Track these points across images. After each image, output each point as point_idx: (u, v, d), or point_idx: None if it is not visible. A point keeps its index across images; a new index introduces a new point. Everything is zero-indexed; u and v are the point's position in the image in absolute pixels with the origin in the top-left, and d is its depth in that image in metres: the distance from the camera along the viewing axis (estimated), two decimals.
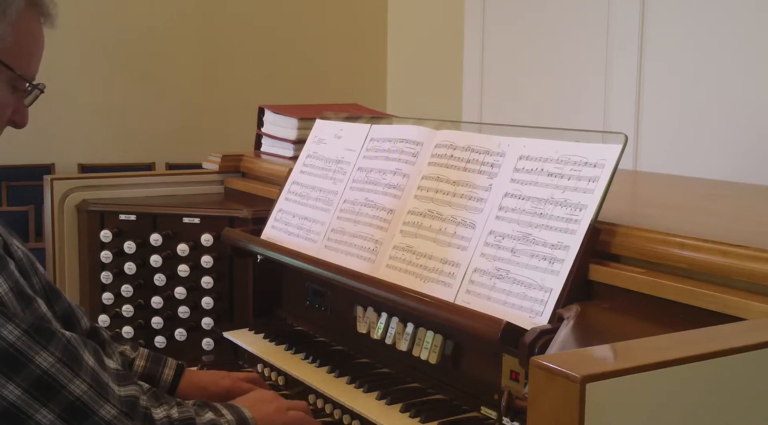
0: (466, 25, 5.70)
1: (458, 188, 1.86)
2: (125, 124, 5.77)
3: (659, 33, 4.50)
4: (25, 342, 1.38)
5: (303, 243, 2.18)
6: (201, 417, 1.58)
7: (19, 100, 1.60)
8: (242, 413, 1.66)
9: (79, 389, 1.41)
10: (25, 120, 1.64)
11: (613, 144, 1.63)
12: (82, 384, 1.42)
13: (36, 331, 1.40)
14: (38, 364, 1.39)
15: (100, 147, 5.73)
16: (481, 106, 5.61)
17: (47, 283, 1.58)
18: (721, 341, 1.12)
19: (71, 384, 1.41)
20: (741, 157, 4.12)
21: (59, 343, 1.43)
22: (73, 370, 1.42)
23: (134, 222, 2.53)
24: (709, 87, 4.27)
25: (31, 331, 1.39)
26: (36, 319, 1.42)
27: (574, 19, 4.93)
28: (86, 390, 1.42)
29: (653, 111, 4.55)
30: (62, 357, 1.41)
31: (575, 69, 4.94)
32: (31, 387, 1.38)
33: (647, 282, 1.50)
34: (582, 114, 4.89)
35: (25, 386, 1.37)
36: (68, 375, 1.41)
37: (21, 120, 1.63)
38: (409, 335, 1.87)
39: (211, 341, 2.45)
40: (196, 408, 1.60)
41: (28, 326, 1.40)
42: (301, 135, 2.77)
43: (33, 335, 1.39)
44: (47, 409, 1.39)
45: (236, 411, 1.66)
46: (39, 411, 1.38)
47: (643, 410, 1.01)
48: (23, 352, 1.38)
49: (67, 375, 1.41)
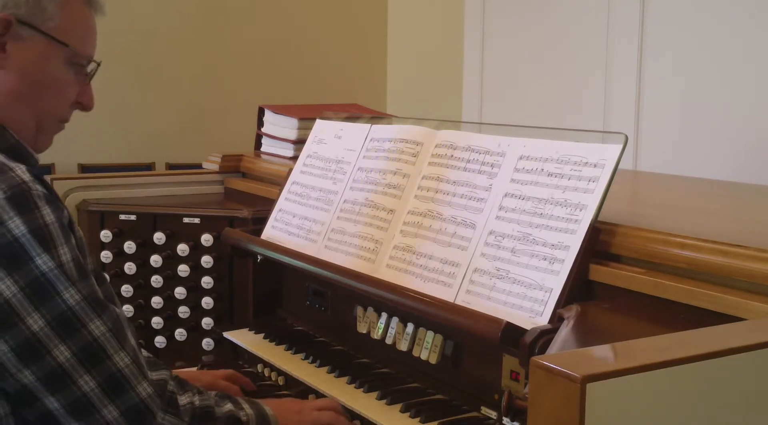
0: (466, 25, 5.70)
1: (458, 188, 1.86)
2: (125, 124, 5.76)
3: (659, 33, 4.50)
4: (83, 307, 1.42)
5: (303, 244, 2.18)
6: (220, 407, 1.61)
7: (80, 80, 1.62)
8: (263, 409, 1.68)
9: (122, 362, 1.44)
10: (92, 102, 1.67)
11: (613, 144, 1.63)
12: (126, 358, 1.45)
13: (93, 300, 1.44)
14: (90, 330, 1.42)
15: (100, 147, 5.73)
16: (481, 106, 5.60)
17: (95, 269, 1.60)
18: (721, 341, 1.12)
19: (116, 356, 1.44)
20: (741, 157, 4.12)
21: (111, 315, 1.46)
22: (120, 342, 1.45)
23: (134, 222, 2.53)
24: (709, 87, 4.27)
25: (89, 299, 1.43)
26: (93, 289, 1.45)
27: (574, 19, 4.93)
28: (129, 364, 1.45)
29: (653, 111, 4.55)
30: (112, 328, 1.44)
31: (575, 69, 4.94)
32: (81, 352, 1.40)
33: (647, 282, 1.50)
34: (582, 114, 4.89)
35: (75, 349, 1.40)
36: (115, 347, 1.44)
37: (87, 101, 1.66)
38: (409, 335, 1.87)
39: (211, 341, 2.45)
40: (217, 398, 1.63)
41: (88, 293, 1.43)
42: (301, 135, 2.77)
43: (91, 302, 1.43)
44: (90, 376, 1.41)
45: (257, 406, 1.68)
46: (83, 377, 1.41)
47: (643, 410, 1.01)
48: (80, 317, 1.41)
49: (115, 346, 1.44)
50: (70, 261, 1.42)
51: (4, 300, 1.36)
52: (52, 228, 1.40)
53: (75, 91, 1.62)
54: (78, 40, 1.59)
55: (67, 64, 1.58)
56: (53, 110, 1.60)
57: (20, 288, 1.37)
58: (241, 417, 1.62)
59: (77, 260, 1.44)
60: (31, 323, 1.38)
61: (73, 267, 1.42)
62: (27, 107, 1.55)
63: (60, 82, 1.59)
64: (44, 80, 1.56)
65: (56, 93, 1.59)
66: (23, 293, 1.37)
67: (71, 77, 1.60)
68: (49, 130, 1.62)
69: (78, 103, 1.64)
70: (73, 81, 1.61)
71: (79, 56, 1.60)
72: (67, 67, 1.58)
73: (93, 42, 1.64)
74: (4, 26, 1.50)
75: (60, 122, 1.64)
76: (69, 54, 1.57)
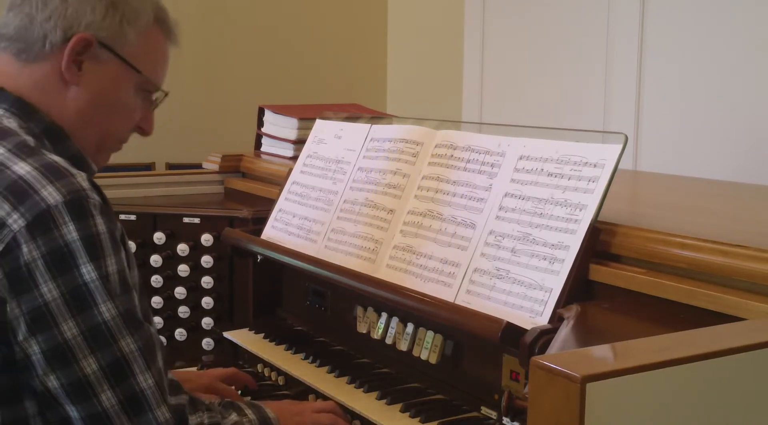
0: (466, 25, 5.69)
1: (458, 188, 1.86)
2: None
3: (659, 33, 4.49)
4: (118, 323, 1.41)
5: (303, 243, 2.18)
6: (226, 419, 1.61)
7: (146, 106, 1.67)
8: (265, 412, 1.69)
9: (146, 383, 1.44)
10: (152, 128, 1.71)
11: (613, 144, 1.63)
12: (150, 379, 1.44)
13: (130, 317, 1.44)
14: (121, 346, 1.41)
15: None
16: (481, 106, 5.60)
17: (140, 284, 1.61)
18: (721, 341, 1.12)
19: (141, 376, 1.43)
20: (741, 157, 4.12)
21: (145, 334, 1.46)
22: (147, 363, 1.45)
23: (134, 222, 2.53)
24: (709, 87, 4.27)
25: (126, 315, 1.43)
26: (132, 306, 1.45)
27: (574, 19, 4.93)
28: (152, 386, 1.44)
29: (653, 111, 4.55)
30: (143, 348, 1.44)
31: (575, 69, 4.93)
32: (108, 366, 1.40)
33: (647, 282, 1.50)
34: (582, 114, 4.89)
35: (103, 363, 1.40)
36: (142, 367, 1.44)
37: (148, 127, 1.70)
38: (409, 335, 1.87)
39: (211, 341, 2.45)
40: (221, 409, 1.63)
41: (125, 309, 1.43)
42: (301, 135, 2.77)
43: (126, 319, 1.43)
44: (113, 392, 1.41)
45: (259, 410, 1.69)
46: (105, 392, 1.40)
47: (643, 410, 1.01)
48: (113, 332, 1.41)
49: (142, 366, 1.44)
50: (115, 273, 1.42)
51: (44, 303, 1.37)
52: (103, 238, 1.41)
53: (139, 115, 1.66)
54: (151, 68, 1.63)
55: (136, 90, 1.62)
56: (116, 131, 1.64)
57: (61, 294, 1.37)
58: None
59: (122, 273, 1.44)
60: (65, 329, 1.38)
61: (117, 280, 1.42)
62: (92, 125, 1.59)
63: (127, 106, 1.63)
64: (113, 102, 1.60)
65: (122, 116, 1.63)
66: (63, 299, 1.37)
67: (138, 102, 1.64)
68: (108, 149, 1.66)
69: (139, 127, 1.68)
70: (140, 106, 1.65)
71: (149, 83, 1.64)
72: (136, 92, 1.62)
73: (164, 71, 1.69)
74: (84, 46, 1.53)
75: (120, 142, 1.68)
76: (141, 80, 1.61)
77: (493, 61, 5.54)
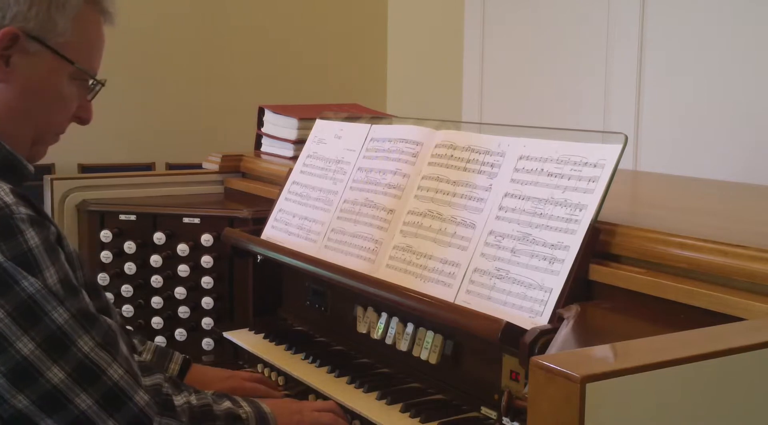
0: (466, 25, 5.70)
1: (458, 188, 1.86)
2: (125, 124, 5.76)
3: (659, 33, 4.50)
4: (72, 325, 1.40)
5: (303, 243, 2.18)
6: (218, 404, 1.60)
7: (82, 95, 1.61)
8: (261, 407, 1.68)
9: (116, 374, 1.43)
10: (90, 116, 1.64)
11: (613, 144, 1.63)
12: (119, 369, 1.43)
13: (83, 315, 1.42)
14: (80, 347, 1.40)
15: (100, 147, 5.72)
16: (481, 106, 5.60)
17: (90, 280, 1.59)
18: (721, 341, 1.12)
19: (110, 369, 1.42)
20: (741, 157, 4.12)
21: (102, 327, 1.44)
22: (112, 355, 1.43)
23: (134, 222, 2.53)
24: (709, 87, 4.27)
25: (78, 315, 1.41)
26: (83, 304, 1.44)
27: (574, 19, 4.93)
28: (123, 375, 1.43)
29: (653, 111, 4.55)
30: (103, 342, 1.43)
31: (575, 69, 4.94)
32: (74, 371, 1.39)
33: (647, 282, 1.50)
34: (582, 114, 4.89)
35: (68, 369, 1.38)
36: (108, 360, 1.42)
37: (86, 115, 1.63)
38: (409, 335, 1.87)
39: (211, 341, 2.45)
40: (214, 397, 1.62)
41: (77, 310, 1.41)
42: (301, 135, 2.77)
43: (80, 319, 1.41)
44: (86, 394, 1.40)
45: (255, 404, 1.68)
46: (79, 395, 1.39)
47: (643, 410, 1.01)
48: (69, 335, 1.39)
49: (107, 359, 1.42)
50: (57, 282, 1.40)
51: None
52: (36, 251, 1.38)
53: (75, 105, 1.60)
54: (85, 56, 1.57)
55: (71, 79, 1.56)
56: (52, 124, 1.59)
57: (7, 313, 1.35)
58: (240, 415, 1.62)
59: (66, 278, 1.42)
60: (20, 347, 1.35)
61: (61, 287, 1.40)
62: (26, 120, 1.53)
63: (63, 97, 1.56)
64: (47, 95, 1.54)
65: (58, 108, 1.57)
66: (11, 318, 1.35)
67: (74, 92, 1.58)
68: (45, 141, 1.60)
69: (77, 116, 1.62)
70: (75, 95, 1.59)
71: (83, 74, 1.58)
72: (71, 82, 1.56)
73: (100, 57, 1.62)
74: (11, 39, 1.47)
75: (57, 134, 1.62)
76: (75, 70, 1.55)
77: (493, 61, 5.54)
